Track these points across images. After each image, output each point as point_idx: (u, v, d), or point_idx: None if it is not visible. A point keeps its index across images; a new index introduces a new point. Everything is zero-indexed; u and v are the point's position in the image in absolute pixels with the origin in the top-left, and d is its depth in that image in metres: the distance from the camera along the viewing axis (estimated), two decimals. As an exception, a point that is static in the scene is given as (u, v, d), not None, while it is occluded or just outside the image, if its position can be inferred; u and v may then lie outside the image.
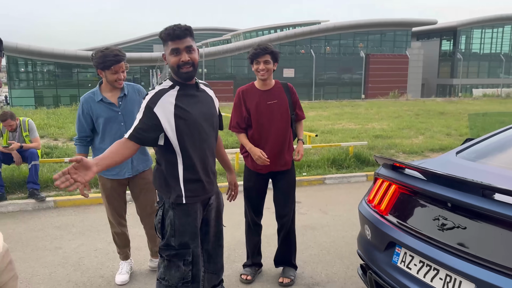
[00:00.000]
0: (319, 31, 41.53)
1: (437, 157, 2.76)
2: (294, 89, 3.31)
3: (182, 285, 2.24)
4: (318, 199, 5.38)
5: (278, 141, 3.14)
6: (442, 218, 2.08)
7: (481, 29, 47.04)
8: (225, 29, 70.93)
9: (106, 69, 2.91)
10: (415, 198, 2.33)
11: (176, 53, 2.13)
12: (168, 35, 2.13)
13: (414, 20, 43.21)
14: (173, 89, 2.19)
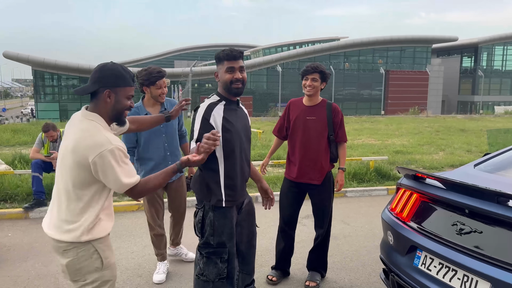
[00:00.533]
0: (338, 47, 41.85)
1: (456, 169, 2.95)
2: (338, 109, 3.40)
3: (218, 281, 2.45)
4: (340, 211, 5.56)
5: (309, 156, 3.31)
6: (460, 223, 2.28)
7: (503, 46, 46.61)
8: (245, 45, 72.01)
9: (151, 85, 3.25)
10: (434, 206, 2.53)
11: (231, 71, 2.44)
12: (226, 55, 2.45)
13: (435, 37, 43.12)
14: (220, 103, 2.49)
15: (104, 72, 1.90)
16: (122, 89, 1.93)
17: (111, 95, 1.91)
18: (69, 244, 1.89)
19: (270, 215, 4.95)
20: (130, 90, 1.97)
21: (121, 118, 1.99)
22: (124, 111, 1.98)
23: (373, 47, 42.42)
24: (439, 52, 48.81)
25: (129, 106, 1.97)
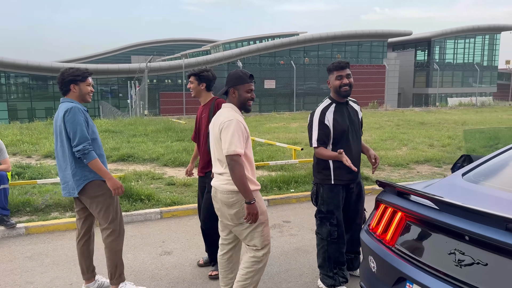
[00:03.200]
0: (298, 42, 41.85)
1: (442, 180, 2.59)
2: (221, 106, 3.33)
3: (330, 240, 3.25)
4: (308, 217, 5.17)
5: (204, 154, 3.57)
6: (458, 252, 1.90)
7: (454, 40, 48.32)
8: (204, 40, 70.85)
9: (82, 82, 3.11)
10: (424, 228, 2.14)
11: (340, 78, 3.19)
12: (336, 67, 3.21)
13: (390, 31, 44.03)
14: (331, 106, 3.24)
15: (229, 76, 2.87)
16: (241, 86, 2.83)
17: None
18: (236, 197, 2.69)
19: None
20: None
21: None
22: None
23: (331, 42, 42.79)
24: (395, 46, 50.01)
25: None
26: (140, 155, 8.63)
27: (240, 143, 2.63)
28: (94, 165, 2.92)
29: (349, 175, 3.23)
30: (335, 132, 3.18)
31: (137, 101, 27.46)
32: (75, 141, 2.89)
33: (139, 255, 4.06)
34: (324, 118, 3.18)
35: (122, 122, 15.50)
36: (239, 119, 2.70)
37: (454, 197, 2.16)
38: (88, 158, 2.90)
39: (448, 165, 8.39)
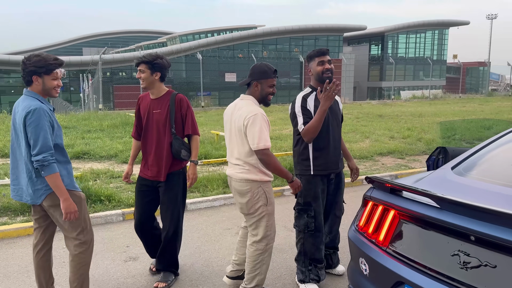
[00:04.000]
0: (256, 35, 41.68)
1: (432, 174, 2.47)
2: (184, 100, 3.29)
3: (307, 232, 3.16)
4: (279, 214, 5.00)
5: (158, 152, 3.18)
6: (463, 253, 1.77)
7: (406, 35, 49.95)
8: (159, 32, 69.02)
9: (46, 74, 2.66)
10: (422, 228, 2.01)
11: (322, 63, 3.13)
12: (317, 53, 3.14)
13: (346, 26, 44.82)
14: (312, 94, 3.15)
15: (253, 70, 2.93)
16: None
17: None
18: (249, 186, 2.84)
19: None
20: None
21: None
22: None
23: (289, 36, 43.00)
24: (350, 40, 51.02)
25: None
26: (96, 152, 8.12)
27: (267, 137, 2.79)
28: (52, 180, 2.48)
29: (330, 164, 3.17)
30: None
31: (90, 95, 26.29)
32: (36, 150, 2.44)
33: (102, 262, 3.72)
34: (306, 103, 3.11)
35: (75, 117, 14.67)
36: (263, 113, 2.81)
37: (449, 192, 2.04)
38: (47, 171, 2.46)
39: (410, 157, 8.53)
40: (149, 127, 3.17)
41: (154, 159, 3.16)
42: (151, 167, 3.19)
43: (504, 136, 2.66)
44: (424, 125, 12.79)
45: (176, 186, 3.23)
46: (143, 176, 3.27)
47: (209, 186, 5.83)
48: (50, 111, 2.57)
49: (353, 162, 3.48)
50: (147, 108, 3.16)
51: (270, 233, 2.94)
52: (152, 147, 3.17)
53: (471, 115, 15.67)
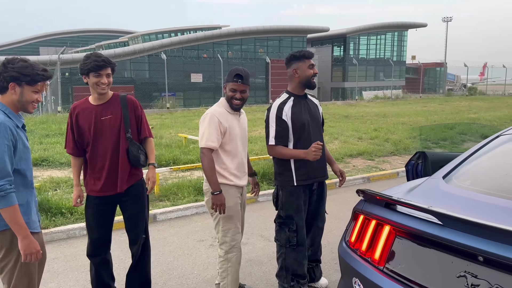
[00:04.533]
0: (221, 35, 41.40)
1: (424, 184, 2.35)
2: (136, 102, 3.00)
3: (289, 246, 2.97)
4: (255, 221, 4.82)
5: (113, 162, 2.84)
6: (470, 275, 1.64)
7: (367, 36, 51.14)
8: (121, 31, 67.17)
9: (29, 85, 2.22)
10: (422, 246, 1.87)
11: (312, 67, 2.98)
12: (306, 55, 2.97)
13: (309, 27, 45.35)
14: (289, 100, 2.98)
15: None
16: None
17: None
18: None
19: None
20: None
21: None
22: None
23: (254, 36, 43.02)
24: (313, 42, 51.66)
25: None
26: (56, 158, 7.62)
27: (210, 137, 2.78)
28: (9, 214, 2.01)
29: (314, 173, 3.01)
30: (294, 127, 2.93)
31: (48, 97, 25.10)
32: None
33: (65, 283, 3.39)
34: (282, 113, 2.92)
35: (32, 120, 13.87)
36: (214, 114, 2.82)
37: (447, 205, 1.93)
38: (2, 203, 1.99)
39: (379, 158, 8.58)
40: (98, 137, 2.77)
41: (108, 172, 2.79)
42: (106, 181, 2.80)
43: (491, 143, 2.59)
44: (390, 125, 12.99)
45: (141, 197, 2.95)
46: (97, 194, 2.83)
47: (179, 193, 5.55)
48: (15, 128, 2.11)
49: (337, 165, 3.31)
50: (92, 117, 2.76)
51: (227, 239, 2.87)
52: (106, 158, 2.79)
53: (433, 115, 16.10)
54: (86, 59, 2.69)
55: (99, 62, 2.66)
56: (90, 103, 2.80)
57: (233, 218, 2.89)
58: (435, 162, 3.66)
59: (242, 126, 2.99)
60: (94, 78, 2.67)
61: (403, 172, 7.27)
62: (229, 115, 2.89)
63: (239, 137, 2.93)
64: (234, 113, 2.93)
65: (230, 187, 2.88)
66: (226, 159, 2.87)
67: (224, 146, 2.86)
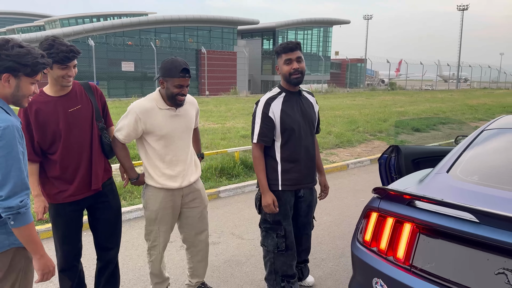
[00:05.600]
0: (148, 23, 39.81)
1: (433, 179, 2.34)
2: (98, 89, 2.75)
3: (277, 252, 2.82)
4: (222, 219, 4.62)
5: (85, 158, 2.52)
6: (509, 271, 1.65)
7: (294, 31, 52.45)
8: (36, 14, 61.73)
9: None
10: (448, 242, 1.85)
11: (289, 62, 2.67)
12: (284, 48, 2.67)
13: (239, 19, 45.36)
14: (280, 95, 2.74)
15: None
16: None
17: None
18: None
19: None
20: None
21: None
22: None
23: (183, 25, 42.01)
24: (243, 34, 51.83)
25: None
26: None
27: (121, 128, 2.60)
28: (28, 232, 1.70)
29: (301, 178, 2.79)
30: (282, 126, 2.69)
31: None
32: (6, 190, 1.62)
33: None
34: (269, 109, 2.68)
35: None
36: (135, 110, 2.58)
37: (469, 202, 1.93)
38: (21, 220, 1.66)
39: (326, 150, 8.76)
40: (71, 131, 2.40)
41: (85, 170, 2.46)
42: (81, 181, 2.45)
43: (478, 137, 2.67)
44: (328, 118, 13.38)
45: (116, 196, 2.69)
46: (67, 200, 2.45)
47: (135, 192, 5.16)
48: (20, 130, 1.73)
49: (324, 177, 3.10)
50: (59, 110, 2.37)
51: (148, 237, 2.78)
52: (82, 154, 2.44)
53: (364, 109, 16.91)
54: (48, 47, 2.21)
55: (68, 53, 2.25)
56: (49, 96, 2.37)
57: (156, 221, 2.72)
58: (408, 155, 3.77)
59: (182, 119, 2.68)
60: (60, 70, 2.27)
61: (353, 164, 7.50)
62: (159, 112, 2.59)
63: (173, 134, 2.63)
64: (169, 109, 2.62)
65: (158, 190, 2.67)
66: (155, 158, 2.65)
67: (152, 144, 2.62)
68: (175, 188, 2.69)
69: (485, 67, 55.99)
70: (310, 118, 2.81)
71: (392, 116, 13.43)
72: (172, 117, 2.62)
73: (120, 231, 2.71)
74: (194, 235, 2.85)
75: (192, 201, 2.79)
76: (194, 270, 2.95)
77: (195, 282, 2.99)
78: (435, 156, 3.69)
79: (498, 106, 18.88)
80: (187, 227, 2.83)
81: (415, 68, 48.21)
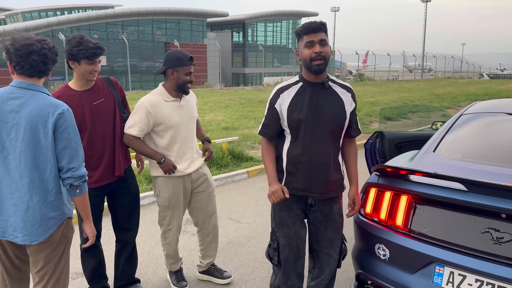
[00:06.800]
0: (115, 15, 39.06)
1: (422, 158, 2.66)
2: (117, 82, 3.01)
3: (272, 261, 2.45)
4: (218, 202, 4.86)
5: (109, 148, 2.78)
6: (494, 230, 1.98)
7: (264, 23, 52.60)
8: (-6, 6, 59.09)
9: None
10: (440, 209, 2.17)
11: (311, 45, 2.22)
12: (306, 29, 2.24)
13: (208, 11, 45.12)
14: (295, 86, 2.33)
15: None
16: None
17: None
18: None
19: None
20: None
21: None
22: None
23: (151, 18, 41.43)
24: (213, 26, 51.57)
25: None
26: None
27: (133, 124, 2.73)
28: (86, 200, 2.03)
29: (310, 184, 2.30)
30: (289, 121, 2.28)
31: None
32: (74, 163, 1.93)
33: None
34: (277, 100, 2.31)
35: None
36: (144, 104, 2.74)
37: (455, 174, 2.25)
38: (84, 188, 1.99)
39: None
40: (97, 123, 2.63)
41: (108, 158, 2.69)
42: (105, 168, 2.68)
43: (457, 121, 3.01)
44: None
45: (135, 181, 2.93)
46: (92, 186, 2.65)
47: (142, 180, 5.32)
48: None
49: (355, 190, 2.45)
50: (84, 103, 2.59)
51: (162, 222, 2.98)
52: (106, 143, 2.67)
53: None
54: (77, 45, 2.45)
55: (95, 50, 2.49)
56: (74, 90, 2.59)
57: (169, 207, 2.91)
58: (391, 140, 4.12)
59: (186, 109, 2.89)
60: (87, 65, 2.51)
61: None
62: (166, 104, 2.80)
63: (181, 123, 2.83)
64: (174, 100, 2.81)
65: (170, 178, 2.86)
66: (163, 148, 2.83)
67: (161, 135, 2.82)
68: (185, 174, 2.90)
69: (449, 57, 58.23)
70: (330, 116, 2.28)
71: (364, 107, 13.93)
72: (178, 108, 2.83)
73: (139, 213, 2.92)
74: (204, 218, 3.06)
75: (201, 185, 3.01)
76: (206, 251, 3.14)
77: (206, 263, 3.17)
78: (416, 140, 4.06)
79: (462, 95, 19.86)
80: (197, 210, 3.04)
81: (382, 59, 49.52)
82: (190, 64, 2.77)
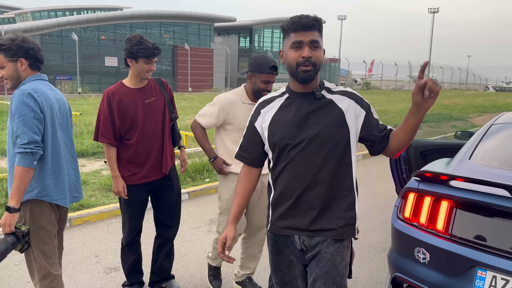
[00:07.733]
0: (124, 17, 39.30)
1: (459, 165, 2.72)
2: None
3: None
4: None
5: (157, 145, 2.89)
6: (537, 236, 2.03)
7: (271, 29, 52.89)
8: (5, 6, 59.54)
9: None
10: (484, 215, 2.22)
11: (298, 46, 1.70)
12: (292, 24, 1.71)
13: (216, 16, 45.40)
14: (280, 98, 1.85)
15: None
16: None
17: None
18: None
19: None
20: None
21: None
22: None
23: (159, 21, 41.69)
24: (220, 31, 51.82)
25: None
26: None
27: (204, 114, 2.80)
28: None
29: (294, 220, 1.80)
30: (270, 142, 1.80)
31: None
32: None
33: (79, 276, 3.16)
34: (257, 117, 1.85)
35: None
36: (227, 97, 2.78)
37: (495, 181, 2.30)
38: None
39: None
40: (148, 120, 2.71)
41: (156, 155, 2.77)
42: (152, 165, 2.76)
43: (489, 130, 3.07)
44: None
45: (178, 180, 3.00)
46: (139, 182, 2.75)
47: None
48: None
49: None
50: (137, 100, 2.68)
51: (218, 229, 2.94)
52: (155, 140, 2.75)
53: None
54: (137, 44, 2.57)
55: (154, 50, 2.61)
56: (128, 87, 2.71)
57: (227, 210, 2.78)
58: (417, 148, 4.18)
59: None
60: (145, 64, 2.62)
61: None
62: (241, 105, 2.75)
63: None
64: (250, 104, 2.74)
65: (232, 179, 2.74)
66: (232, 145, 2.73)
67: (231, 134, 2.77)
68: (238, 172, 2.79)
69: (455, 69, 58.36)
70: (322, 133, 1.73)
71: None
72: (249, 111, 2.73)
73: (180, 211, 2.98)
74: (255, 229, 2.91)
75: (262, 194, 2.78)
76: (245, 262, 3.01)
77: (242, 273, 3.02)
78: (440, 149, 4.12)
79: (470, 106, 19.91)
80: (252, 219, 2.89)
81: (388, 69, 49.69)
82: (269, 73, 2.68)
